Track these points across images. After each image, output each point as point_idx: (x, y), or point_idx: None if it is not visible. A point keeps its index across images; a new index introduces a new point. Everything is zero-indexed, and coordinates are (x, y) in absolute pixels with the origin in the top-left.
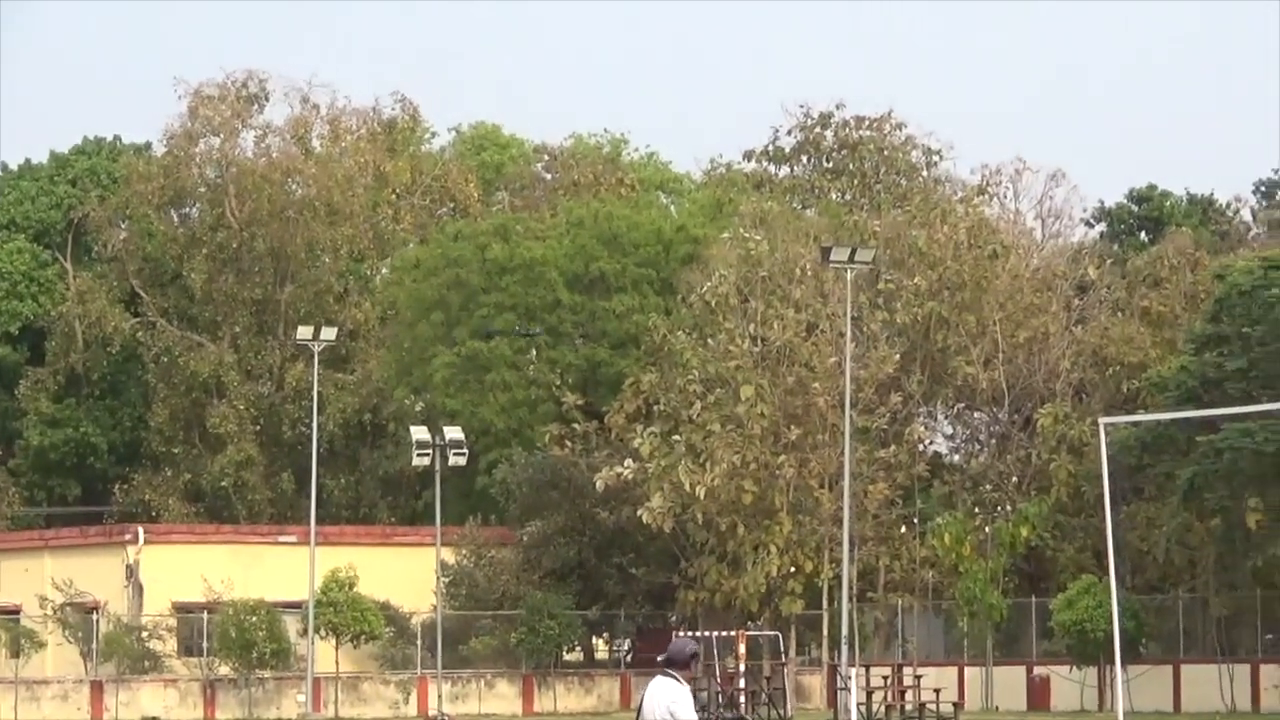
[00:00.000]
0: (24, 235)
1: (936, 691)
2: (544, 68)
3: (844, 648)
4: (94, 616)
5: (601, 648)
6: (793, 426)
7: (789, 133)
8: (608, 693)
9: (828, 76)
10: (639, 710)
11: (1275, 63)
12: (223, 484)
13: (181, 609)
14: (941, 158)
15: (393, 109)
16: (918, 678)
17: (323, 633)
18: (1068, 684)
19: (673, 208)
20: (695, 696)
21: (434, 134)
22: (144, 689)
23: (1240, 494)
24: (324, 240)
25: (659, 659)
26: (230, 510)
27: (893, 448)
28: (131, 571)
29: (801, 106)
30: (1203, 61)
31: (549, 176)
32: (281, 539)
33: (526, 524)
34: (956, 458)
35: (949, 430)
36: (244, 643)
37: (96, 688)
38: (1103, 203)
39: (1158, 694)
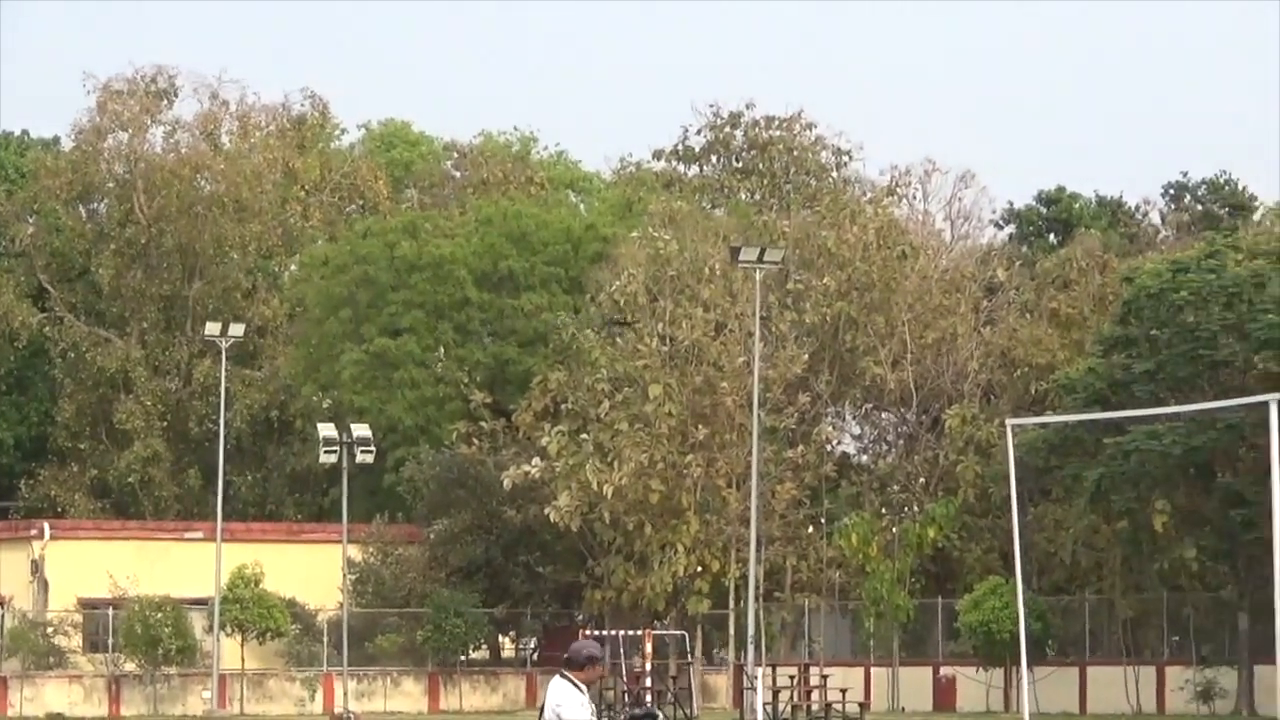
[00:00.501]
0: None
1: (843, 692)
2: (454, 65)
3: (750, 647)
4: None
5: (508, 646)
6: (700, 426)
7: (699, 132)
8: (513, 691)
9: (739, 76)
10: (540, 711)
11: (1185, 66)
12: (129, 480)
13: (87, 605)
14: (851, 158)
15: (302, 105)
16: (824, 678)
17: (228, 629)
18: (974, 685)
19: (582, 206)
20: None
21: (343, 131)
22: (49, 685)
23: (1147, 496)
24: (233, 237)
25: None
26: (137, 506)
27: (800, 448)
28: (37, 567)
29: (711, 106)
30: (1113, 64)
31: (458, 174)
32: (188, 535)
33: (433, 522)
34: (864, 458)
35: (857, 430)
36: (149, 639)
37: (1, 684)
38: (1012, 204)
39: (1064, 695)
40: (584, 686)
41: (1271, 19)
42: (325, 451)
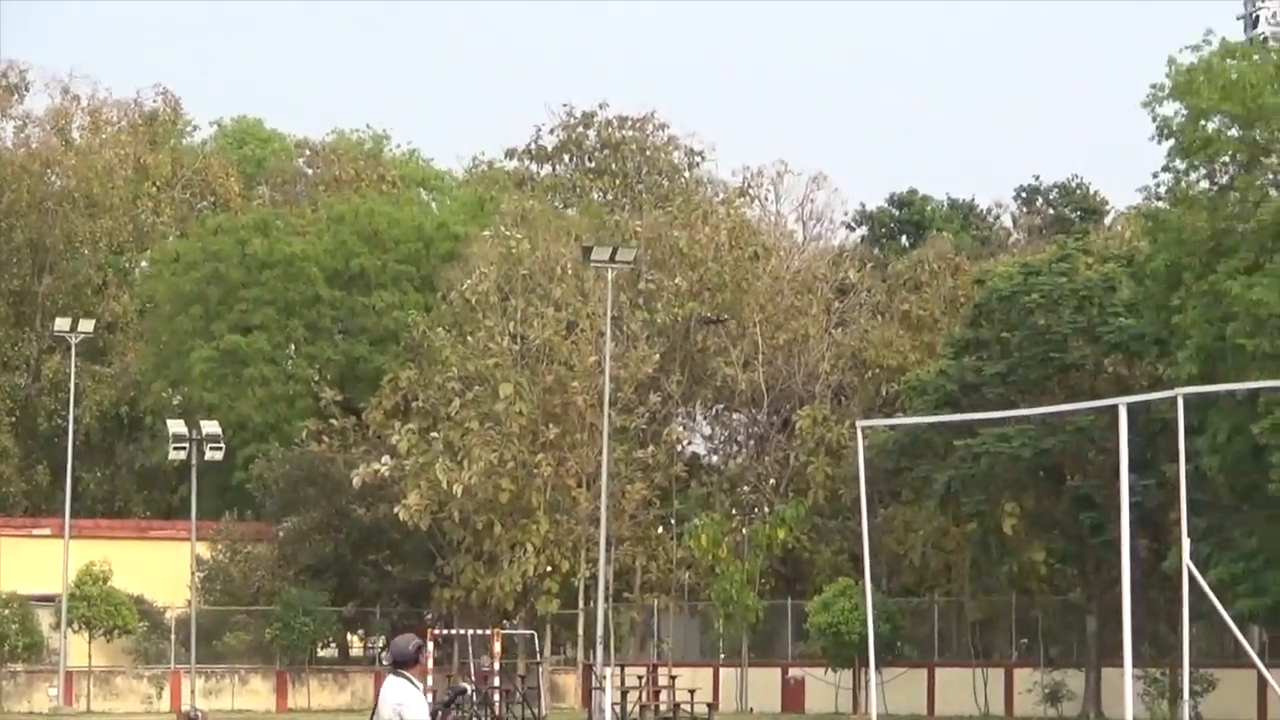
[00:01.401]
0: None
1: (691, 692)
2: (306, 63)
3: (599, 647)
4: None
5: (356, 645)
6: (551, 425)
7: (551, 132)
8: (361, 690)
9: (592, 76)
10: (373, 712)
11: (1036, 70)
12: None
13: None
14: (703, 159)
15: (154, 102)
16: (673, 678)
17: (76, 626)
18: (822, 686)
19: (434, 205)
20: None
21: (195, 127)
22: None
23: (997, 499)
24: (83, 232)
25: (384, 661)
26: None
27: (651, 448)
28: None
29: (565, 106)
30: (966, 66)
31: (310, 172)
32: (35, 532)
33: (283, 520)
34: (715, 459)
35: (708, 431)
36: None
37: None
38: (864, 206)
39: (912, 697)
40: (420, 684)
41: (1123, 26)
42: (175, 448)
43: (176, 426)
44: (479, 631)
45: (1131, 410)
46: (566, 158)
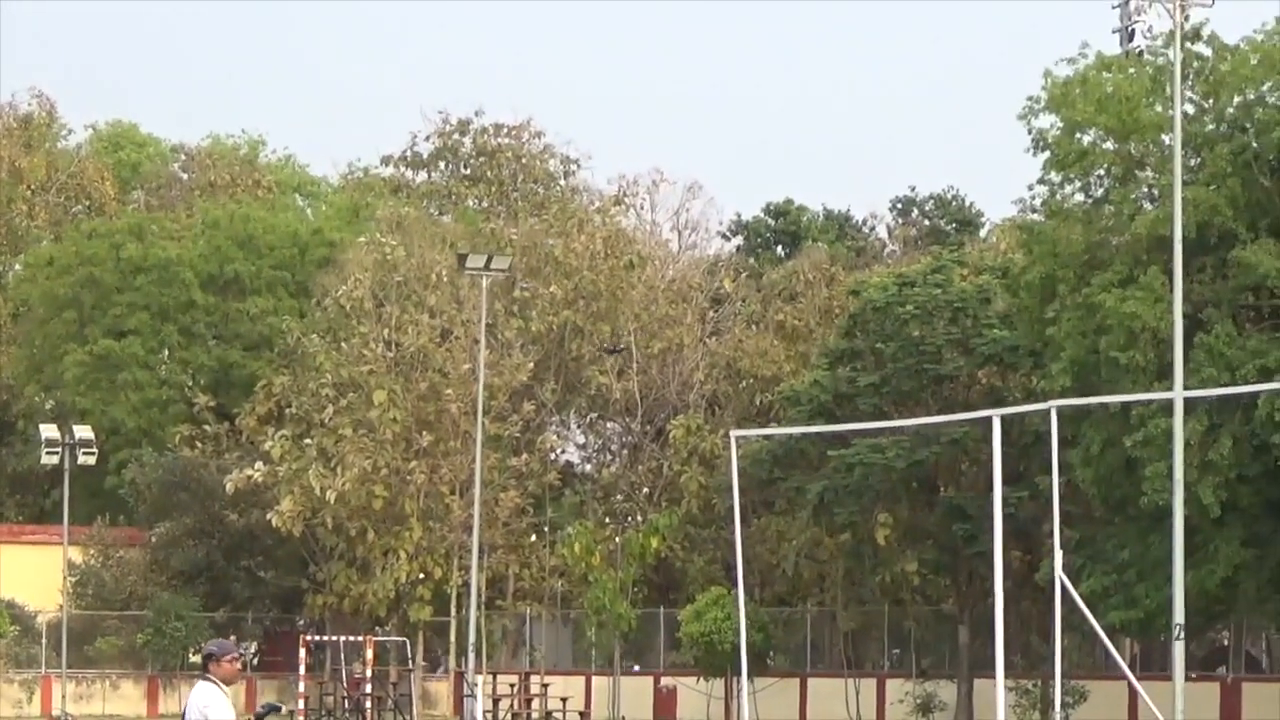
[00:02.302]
0: None
1: (563, 700)
2: (182, 67)
3: (471, 655)
4: None
5: None
6: (425, 432)
7: (427, 139)
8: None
9: (468, 83)
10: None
11: (912, 80)
12: None
13: None
14: (579, 167)
15: (29, 105)
16: (545, 686)
17: None
18: (695, 695)
19: (309, 211)
20: (321, 702)
21: (70, 131)
22: None
23: (870, 509)
24: None
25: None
26: None
27: (525, 456)
28: None
29: (440, 113)
30: (843, 77)
31: (186, 176)
32: None
33: (156, 525)
34: (588, 467)
35: (581, 440)
36: None
37: None
38: (740, 216)
39: (785, 706)
40: (226, 686)
41: (998, 36)
42: (47, 452)
43: (49, 431)
44: (352, 638)
45: (1005, 422)
46: (442, 165)
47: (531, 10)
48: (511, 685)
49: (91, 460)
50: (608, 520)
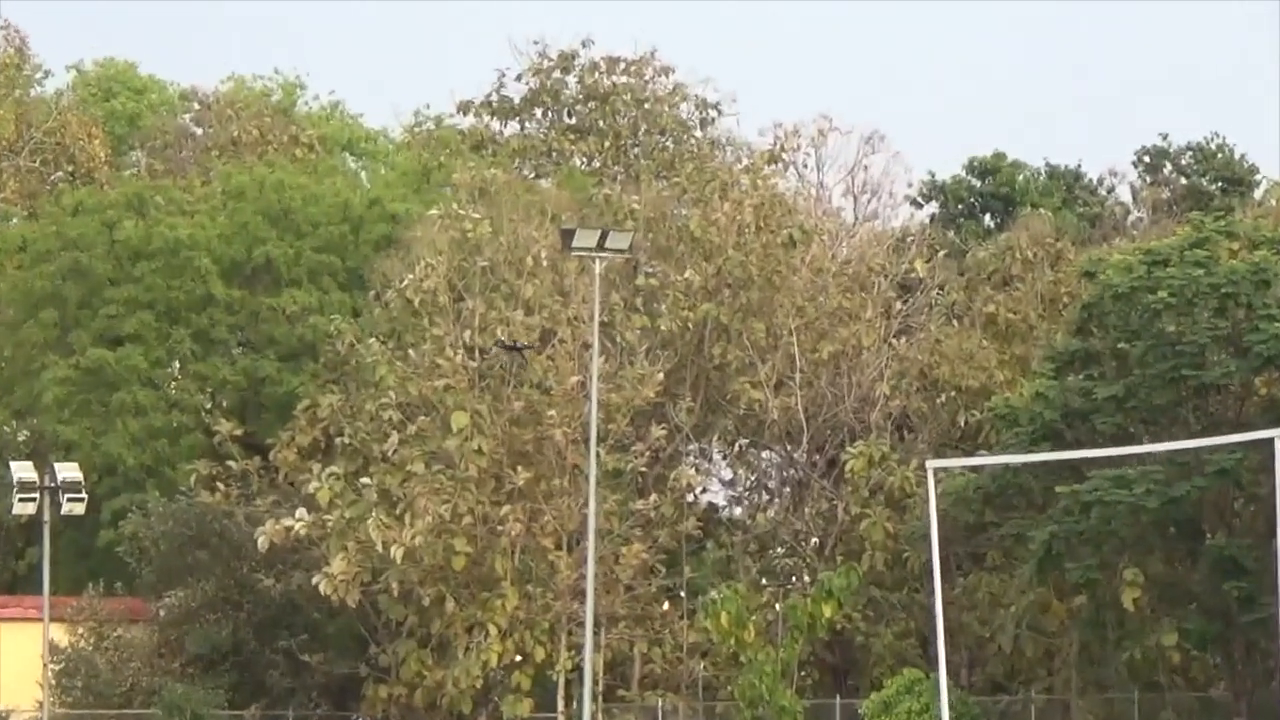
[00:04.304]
0: None
1: None
2: None
3: None
4: None
5: None
6: (520, 468)
7: (519, 79)
8: None
9: (572, 5)
10: None
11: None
12: None
13: None
14: (721, 113)
15: None
16: None
17: None
18: None
19: (364, 175)
20: None
21: (47, 74)
22: None
23: (1113, 563)
24: None
25: None
26: None
27: (653, 497)
28: None
29: (536, 44)
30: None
31: (200, 132)
32: None
33: (165, 594)
34: (738, 511)
35: (728, 475)
36: None
37: None
38: (934, 176)
39: None
40: None
41: None
42: (20, 499)
43: (23, 471)
44: None
45: None
46: (539, 112)
47: None
48: None
49: (79, 509)
50: (764, 581)
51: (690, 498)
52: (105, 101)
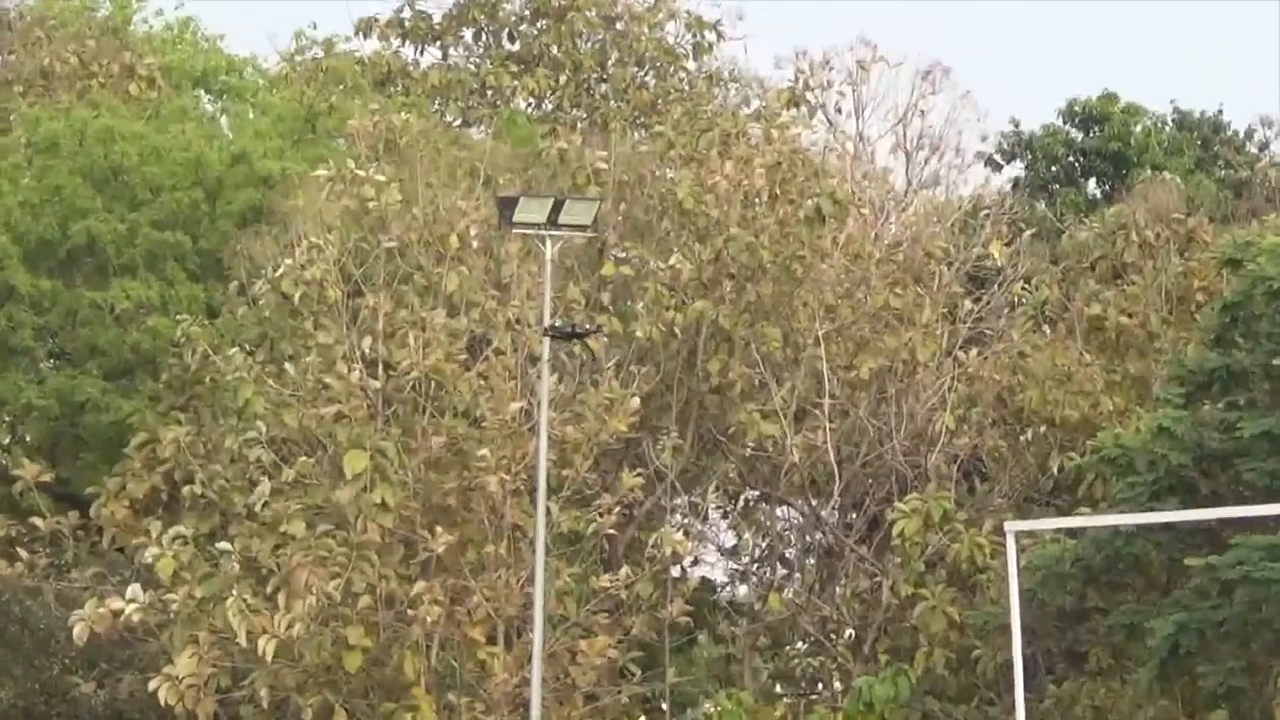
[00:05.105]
0: None
1: None
2: None
3: None
4: None
5: None
6: (440, 529)
7: None
8: None
9: None
10: None
11: None
12: None
13: None
14: (722, 37)
15: None
16: None
17: None
18: None
19: (225, 121)
20: None
21: None
22: None
23: (1264, 665)
24: None
25: None
26: None
27: (625, 571)
28: None
29: None
30: None
31: None
32: None
33: None
34: (743, 591)
35: (729, 540)
36: None
37: None
38: (1018, 125)
39: None
40: None
41: None
42: None
43: None
44: None
45: None
46: (469, 35)
47: None
48: None
49: None
50: (779, 689)
51: (677, 571)
52: None
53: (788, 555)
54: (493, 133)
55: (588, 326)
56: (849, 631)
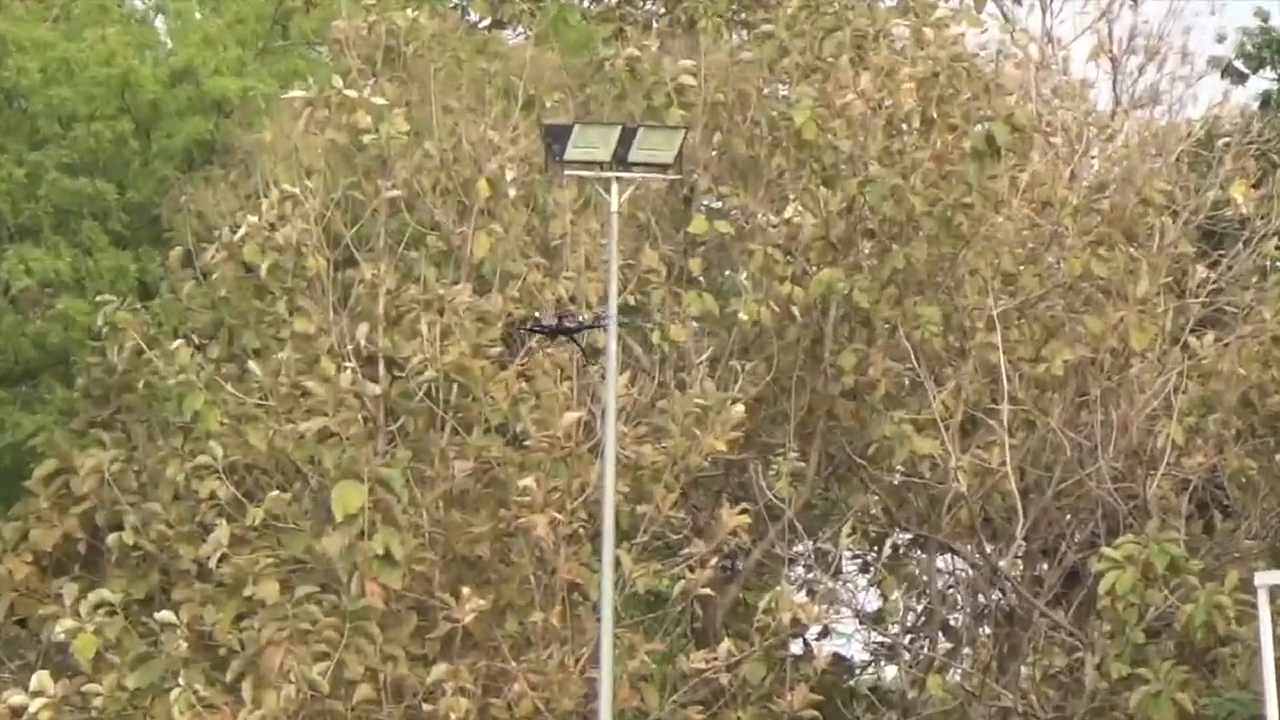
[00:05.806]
0: None
1: None
2: None
3: None
4: None
5: None
6: (468, 589)
7: None
8: None
9: None
10: None
11: None
12: None
13: None
14: None
15: None
16: None
17: None
18: None
19: (162, 22)
20: None
21: None
22: None
23: None
24: None
25: None
26: None
27: (725, 645)
28: None
29: None
30: None
31: None
32: None
33: None
34: (891, 672)
35: (871, 601)
36: None
37: None
38: (1267, 21)
39: None
40: None
41: None
42: None
43: None
44: None
45: None
46: None
47: None
48: None
49: None
50: None
51: (798, 646)
52: None
53: (952, 622)
54: (535, 36)
55: (590, 319)
56: None
